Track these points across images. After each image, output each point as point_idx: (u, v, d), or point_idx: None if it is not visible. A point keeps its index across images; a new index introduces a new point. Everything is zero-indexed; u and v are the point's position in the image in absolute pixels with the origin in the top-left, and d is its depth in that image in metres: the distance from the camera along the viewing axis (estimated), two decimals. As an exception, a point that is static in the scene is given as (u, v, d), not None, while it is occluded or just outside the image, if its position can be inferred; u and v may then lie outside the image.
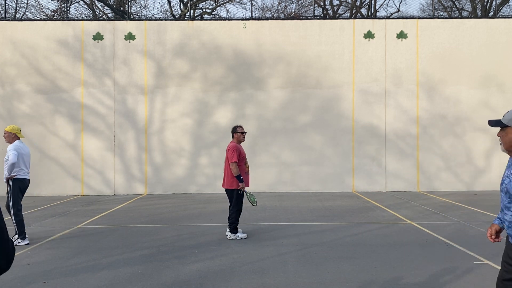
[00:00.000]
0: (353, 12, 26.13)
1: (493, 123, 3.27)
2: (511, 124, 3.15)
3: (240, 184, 7.67)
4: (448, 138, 14.76)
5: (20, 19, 19.00)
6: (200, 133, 14.78)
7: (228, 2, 26.43)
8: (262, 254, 6.78)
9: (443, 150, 14.74)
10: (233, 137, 8.03)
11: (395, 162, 14.69)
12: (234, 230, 7.80)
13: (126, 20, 15.75)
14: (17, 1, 24.67)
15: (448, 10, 26.98)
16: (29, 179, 7.76)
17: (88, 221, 9.79)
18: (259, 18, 15.59)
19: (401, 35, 14.87)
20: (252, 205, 7.96)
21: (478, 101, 14.80)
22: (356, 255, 6.67)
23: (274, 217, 10.05)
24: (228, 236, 7.79)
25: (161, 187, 14.69)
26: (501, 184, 3.23)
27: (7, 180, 7.54)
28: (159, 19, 16.60)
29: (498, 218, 3.41)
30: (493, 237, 3.34)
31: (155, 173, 14.71)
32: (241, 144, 8.07)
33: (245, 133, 8.10)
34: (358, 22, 15.08)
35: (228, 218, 7.85)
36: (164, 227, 9.05)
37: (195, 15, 26.28)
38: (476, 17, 21.67)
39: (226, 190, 7.88)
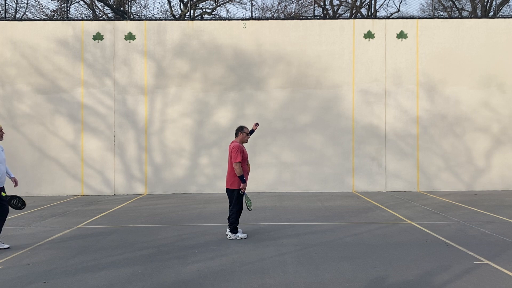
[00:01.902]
0: (353, 12, 26.14)
1: None
2: None
3: (242, 184, 7.66)
4: (448, 138, 14.76)
5: (20, 19, 19.00)
6: (200, 133, 14.78)
7: (228, 2, 26.44)
8: (262, 254, 6.79)
9: (443, 150, 14.74)
10: (237, 136, 7.99)
11: (395, 162, 14.69)
12: (234, 230, 7.80)
13: (126, 20, 15.76)
14: (17, 1, 24.68)
15: (448, 10, 26.99)
16: None
17: (88, 221, 9.79)
18: (259, 18, 15.59)
19: (401, 35, 14.88)
20: (248, 209, 7.95)
21: (478, 101, 14.81)
22: (356, 255, 6.67)
23: (274, 217, 10.05)
24: (228, 236, 7.79)
25: (161, 187, 14.70)
26: None
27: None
28: (159, 19, 16.59)
29: None
30: None
31: (155, 173, 14.71)
32: (243, 144, 8.07)
33: (250, 134, 8.09)
34: (358, 22, 15.08)
35: (228, 218, 7.84)
36: (164, 227, 9.05)
37: (195, 15, 26.30)
38: (476, 17, 21.67)
39: (227, 189, 7.87)
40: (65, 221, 9.77)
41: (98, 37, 14.82)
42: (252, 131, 8.23)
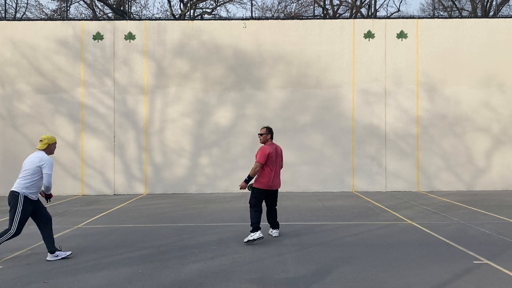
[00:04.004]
0: (353, 12, 26.14)
1: None
2: None
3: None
4: (448, 138, 14.75)
5: (20, 19, 19.00)
6: (200, 133, 14.78)
7: (228, 2, 26.44)
8: (262, 254, 6.79)
9: (443, 150, 14.74)
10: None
11: (395, 162, 14.69)
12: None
13: (126, 20, 15.75)
14: (17, 1, 24.69)
15: (448, 10, 26.99)
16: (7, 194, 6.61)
17: (88, 221, 9.79)
18: (259, 18, 15.59)
19: (401, 35, 14.87)
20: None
21: (479, 101, 14.80)
22: (356, 255, 6.67)
23: (274, 217, 10.03)
24: (274, 234, 7.94)
25: (161, 187, 14.70)
26: None
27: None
28: (159, 19, 16.59)
29: None
30: None
31: (155, 173, 14.71)
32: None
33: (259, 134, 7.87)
34: (358, 22, 15.07)
35: (276, 218, 7.97)
36: (164, 227, 9.05)
37: (195, 15, 26.30)
38: (476, 17, 21.67)
39: (276, 191, 7.90)
40: (65, 221, 9.76)
41: (98, 37, 14.81)
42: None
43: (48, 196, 6.71)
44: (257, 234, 7.33)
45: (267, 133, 7.69)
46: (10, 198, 6.45)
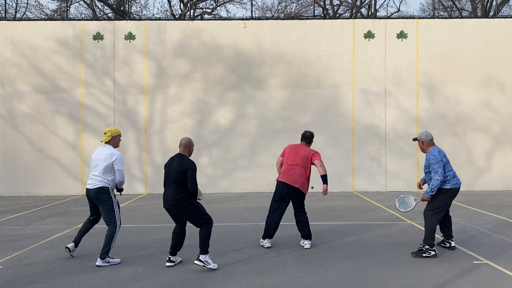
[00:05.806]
0: (353, 12, 26.14)
1: (413, 139, 7.25)
2: (420, 139, 7.36)
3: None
4: (449, 138, 14.75)
5: (20, 19, 19.00)
6: (200, 133, 14.78)
7: (228, 2, 26.44)
8: (262, 254, 6.78)
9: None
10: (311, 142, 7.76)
11: (395, 162, 14.69)
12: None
13: (126, 20, 15.75)
14: (17, 1, 24.68)
15: (448, 10, 26.98)
16: (89, 189, 6.65)
17: (88, 221, 9.76)
18: (259, 18, 15.59)
19: (401, 35, 14.87)
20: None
21: (479, 101, 14.80)
22: (356, 255, 6.67)
23: (274, 217, 10.02)
24: (306, 246, 7.14)
25: (161, 187, 14.63)
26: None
27: None
28: (159, 19, 16.60)
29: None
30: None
31: (155, 173, 14.71)
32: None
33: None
34: (358, 22, 15.07)
35: (307, 226, 7.24)
36: (164, 227, 9.04)
37: (195, 15, 26.29)
38: (476, 17, 21.67)
39: (301, 193, 7.36)
40: (65, 221, 9.76)
41: (98, 37, 14.81)
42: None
43: (120, 190, 6.76)
44: (264, 242, 7.18)
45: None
46: (98, 194, 6.48)
